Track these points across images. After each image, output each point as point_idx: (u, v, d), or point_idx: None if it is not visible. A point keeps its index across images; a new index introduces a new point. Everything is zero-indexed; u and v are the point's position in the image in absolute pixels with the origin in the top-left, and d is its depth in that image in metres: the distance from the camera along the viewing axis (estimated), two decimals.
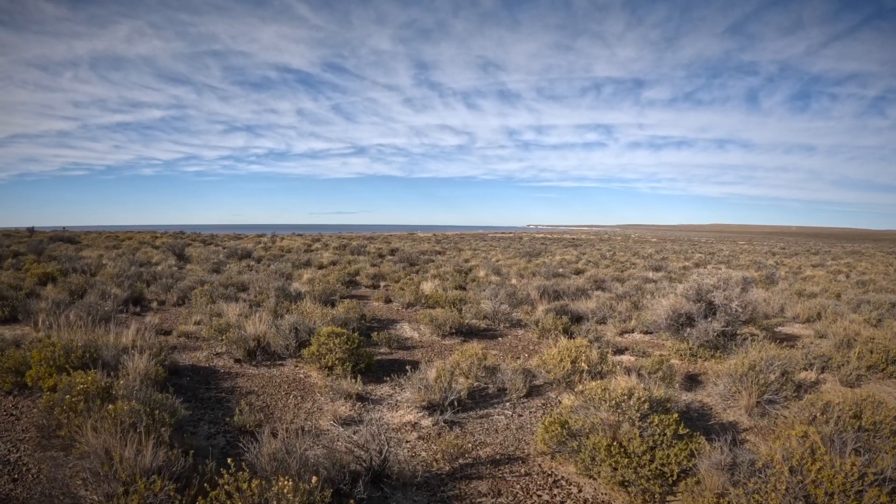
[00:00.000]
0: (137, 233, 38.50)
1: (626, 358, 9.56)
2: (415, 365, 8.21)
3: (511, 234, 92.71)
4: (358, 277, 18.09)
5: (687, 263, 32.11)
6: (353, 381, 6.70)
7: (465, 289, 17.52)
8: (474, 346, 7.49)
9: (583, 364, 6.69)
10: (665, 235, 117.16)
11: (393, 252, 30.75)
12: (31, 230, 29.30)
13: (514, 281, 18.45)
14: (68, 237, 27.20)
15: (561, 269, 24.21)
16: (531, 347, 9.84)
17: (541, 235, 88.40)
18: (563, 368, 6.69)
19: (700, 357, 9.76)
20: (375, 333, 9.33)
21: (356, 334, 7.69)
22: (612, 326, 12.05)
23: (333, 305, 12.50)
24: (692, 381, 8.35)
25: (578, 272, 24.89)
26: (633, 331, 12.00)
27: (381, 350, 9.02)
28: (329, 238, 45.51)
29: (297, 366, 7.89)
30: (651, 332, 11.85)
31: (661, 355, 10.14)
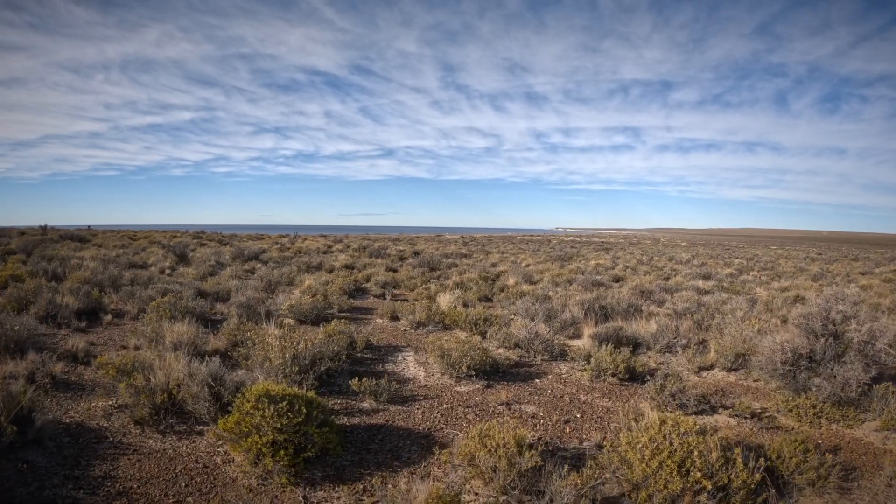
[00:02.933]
0: (161, 232, 36.50)
1: (722, 420, 6.26)
2: (408, 439, 5.09)
3: (539, 237, 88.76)
4: (369, 284, 15.11)
5: (730, 270, 28.09)
6: (293, 483, 3.65)
7: (491, 300, 14.37)
8: (503, 416, 4.41)
9: (698, 475, 3.48)
10: (695, 239, 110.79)
11: (416, 254, 27.68)
12: (45, 228, 27.37)
13: (549, 292, 15.19)
14: (79, 236, 25.02)
15: (598, 276, 20.75)
16: (583, 398, 6.59)
17: (569, 238, 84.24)
18: (666, 486, 3.47)
19: (826, 417, 6.42)
20: (356, 380, 6.08)
21: (311, 392, 4.61)
22: (685, 359, 8.74)
23: (327, 322, 9.54)
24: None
25: (618, 279, 21.46)
26: (712, 366, 8.66)
27: (363, 405, 5.88)
28: (352, 239, 42.76)
29: (219, 438, 4.87)
30: (736, 369, 8.52)
31: (763, 409, 6.85)
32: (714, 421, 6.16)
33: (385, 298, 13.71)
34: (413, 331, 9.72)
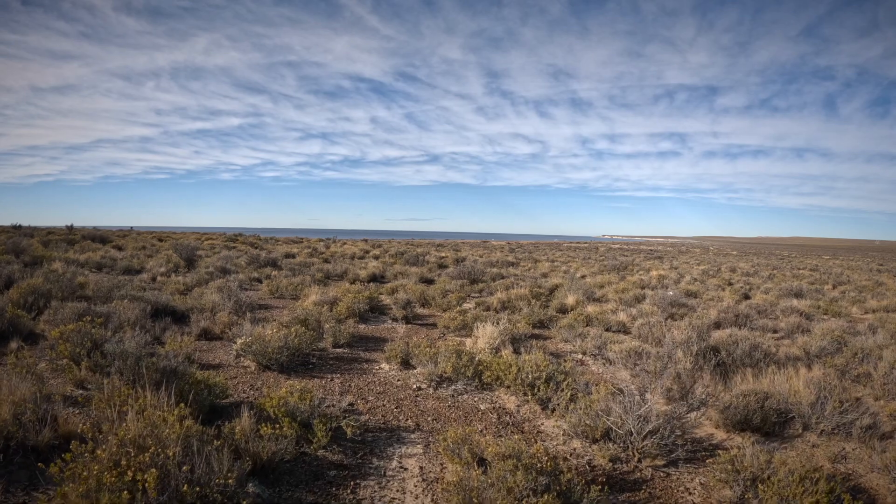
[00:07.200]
0: (195, 234, 34.29)
1: None
2: None
3: (586, 244, 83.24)
4: (391, 300, 11.47)
5: (806, 283, 22.60)
6: None
7: (547, 327, 10.44)
8: None
9: None
10: (745, 248, 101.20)
11: (459, 262, 23.84)
12: (70, 227, 25.40)
13: (621, 316, 11.10)
14: (101, 236, 22.73)
15: (671, 292, 16.38)
16: None
17: (617, 246, 78.36)
18: None
19: None
20: None
21: None
22: (874, 455, 4.55)
23: (308, 367, 5.97)
24: None
25: (690, 294, 17.09)
26: None
27: None
28: (394, 244, 39.38)
29: None
30: None
31: None
32: None
33: (405, 323, 10.04)
34: (432, 391, 5.93)
